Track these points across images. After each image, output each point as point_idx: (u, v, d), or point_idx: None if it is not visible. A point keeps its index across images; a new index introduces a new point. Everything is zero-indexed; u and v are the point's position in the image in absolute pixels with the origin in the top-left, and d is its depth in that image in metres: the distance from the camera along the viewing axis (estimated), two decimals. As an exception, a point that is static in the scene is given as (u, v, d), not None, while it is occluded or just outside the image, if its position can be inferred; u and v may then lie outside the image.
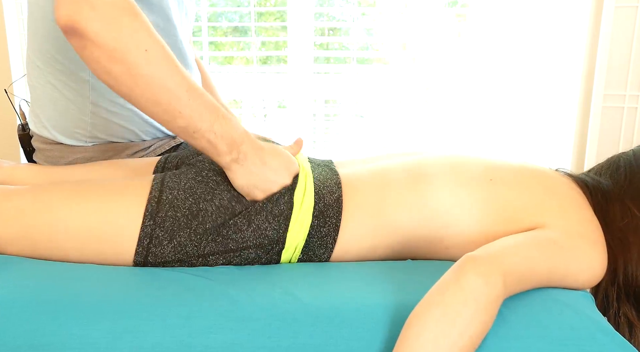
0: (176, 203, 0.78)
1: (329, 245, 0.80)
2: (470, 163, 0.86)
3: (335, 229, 0.80)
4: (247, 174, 0.79)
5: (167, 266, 0.78)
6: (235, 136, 0.78)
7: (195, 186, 0.80)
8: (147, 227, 0.77)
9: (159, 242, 0.77)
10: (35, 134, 1.05)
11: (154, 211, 0.77)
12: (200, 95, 0.76)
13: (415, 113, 1.91)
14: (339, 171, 0.88)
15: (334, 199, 0.81)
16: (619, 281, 0.79)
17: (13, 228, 0.79)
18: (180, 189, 0.79)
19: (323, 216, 0.80)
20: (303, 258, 0.82)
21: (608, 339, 0.66)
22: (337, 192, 0.82)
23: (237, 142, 0.78)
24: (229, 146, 0.77)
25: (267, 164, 0.80)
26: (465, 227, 0.81)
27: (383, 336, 0.66)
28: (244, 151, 0.78)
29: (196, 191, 0.79)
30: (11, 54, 1.78)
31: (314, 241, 0.80)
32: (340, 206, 0.81)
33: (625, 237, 0.80)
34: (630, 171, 0.85)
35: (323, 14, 1.94)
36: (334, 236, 0.80)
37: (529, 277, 0.70)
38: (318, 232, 0.80)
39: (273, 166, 0.80)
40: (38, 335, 0.65)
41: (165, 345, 0.65)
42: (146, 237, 0.77)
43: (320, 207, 0.80)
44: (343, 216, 0.81)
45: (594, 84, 1.65)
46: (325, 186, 0.83)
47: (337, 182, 0.84)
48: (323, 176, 0.85)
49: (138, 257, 0.78)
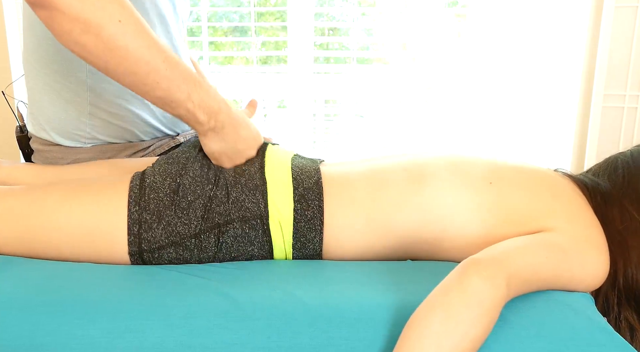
0: (155, 186, 0.81)
1: (317, 227, 0.81)
2: (471, 163, 0.86)
3: (320, 210, 0.81)
4: (220, 141, 0.83)
5: (162, 251, 0.79)
6: (213, 105, 0.81)
7: (168, 167, 0.83)
8: (134, 213, 0.79)
9: (149, 227, 0.78)
10: (34, 135, 1.05)
11: (137, 197, 0.80)
12: (177, 64, 0.77)
13: (415, 113, 1.91)
14: (321, 163, 0.90)
15: (312, 182, 0.83)
16: (619, 285, 0.79)
17: (8, 228, 0.80)
18: (156, 174, 0.82)
19: (305, 199, 0.81)
20: (296, 244, 0.81)
21: (608, 340, 0.66)
22: (316, 176, 0.84)
23: (215, 111, 0.81)
24: (207, 115, 0.80)
25: (239, 134, 0.84)
26: (465, 229, 0.80)
27: (383, 336, 0.65)
28: (221, 120, 0.82)
29: (170, 171, 0.82)
30: (11, 54, 1.78)
31: (301, 225, 0.81)
32: (320, 188, 0.82)
33: (624, 240, 0.79)
34: (628, 173, 0.84)
35: (323, 14, 1.94)
36: (319, 217, 0.81)
37: (532, 280, 0.70)
38: (303, 215, 0.81)
39: (243, 136, 0.85)
40: (38, 335, 0.65)
41: (165, 345, 0.65)
42: (135, 223, 0.78)
43: (300, 192, 0.81)
44: (326, 199, 0.81)
45: (594, 84, 1.65)
46: (303, 171, 0.84)
47: (316, 169, 0.85)
48: (302, 164, 0.87)
49: (132, 246, 0.78)
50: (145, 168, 0.85)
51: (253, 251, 0.81)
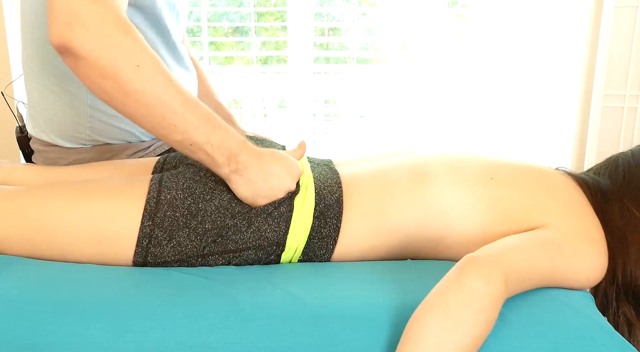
0: (175, 203, 0.78)
1: (329, 246, 0.80)
2: (471, 162, 0.86)
3: (336, 229, 0.80)
4: (248, 184, 0.78)
5: (166, 266, 0.78)
6: (232, 147, 0.77)
7: (193, 185, 0.79)
8: (146, 227, 0.77)
9: (158, 243, 0.77)
10: (34, 137, 1.05)
11: (152, 211, 0.77)
12: (196, 107, 0.75)
13: (415, 113, 1.91)
14: (339, 170, 0.88)
15: (334, 199, 0.81)
16: (618, 281, 0.79)
17: (12, 229, 0.79)
18: (178, 189, 0.79)
19: (324, 217, 0.80)
20: (303, 259, 0.82)
21: (608, 339, 0.66)
22: (338, 192, 0.82)
23: (234, 153, 0.77)
24: (227, 158, 0.77)
25: (268, 171, 0.78)
26: (466, 227, 0.81)
27: (384, 336, 0.65)
28: (242, 161, 0.77)
29: (195, 190, 0.79)
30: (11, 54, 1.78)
31: (314, 242, 0.80)
32: (341, 206, 0.81)
33: (624, 237, 0.80)
34: (628, 171, 0.85)
35: (323, 14, 1.94)
36: (334, 236, 0.80)
37: (530, 277, 0.70)
38: (319, 233, 0.80)
39: (274, 173, 0.79)
40: (38, 335, 0.65)
41: (165, 345, 0.65)
42: (145, 237, 0.77)
43: (320, 208, 0.80)
44: (344, 216, 0.81)
45: (594, 84, 1.65)
46: (326, 186, 0.83)
47: (338, 181, 0.84)
48: (323, 175, 0.85)
49: (137, 257, 0.78)
50: (164, 174, 0.82)
51: (259, 264, 0.81)
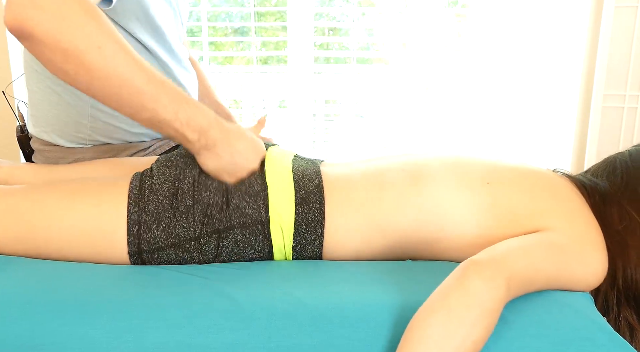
0: (155, 188, 0.80)
1: (317, 230, 0.81)
2: (469, 164, 0.86)
3: (321, 213, 0.81)
4: (215, 159, 0.80)
5: (162, 252, 0.79)
6: (202, 123, 0.78)
7: (167, 170, 0.82)
8: (133, 214, 0.78)
9: (148, 227, 0.78)
10: (34, 136, 1.05)
11: (136, 198, 0.79)
12: (162, 84, 0.76)
13: (415, 113, 1.91)
14: (322, 165, 0.89)
15: (314, 185, 0.82)
16: (619, 285, 0.79)
17: (7, 228, 0.80)
18: (154, 176, 0.82)
19: (306, 202, 0.81)
20: (296, 247, 0.82)
21: (608, 340, 0.66)
22: (317, 179, 0.83)
23: (204, 128, 0.78)
24: (198, 133, 0.78)
25: (234, 147, 0.81)
26: (464, 229, 0.80)
27: (383, 336, 0.65)
28: (212, 137, 0.79)
29: (169, 174, 0.82)
30: (11, 55, 1.78)
31: (302, 228, 0.81)
32: (322, 191, 0.82)
33: (623, 240, 0.79)
34: (626, 173, 0.84)
35: (323, 14, 1.94)
36: (320, 220, 0.81)
37: (532, 280, 0.70)
38: (304, 218, 0.80)
39: (240, 150, 0.81)
40: (38, 335, 0.65)
41: (165, 345, 0.65)
42: (134, 224, 0.78)
43: (301, 195, 0.81)
44: (327, 202, 0.81)
45: (593, 84, 1.65)
46: (305, 175, 0.84)
47: (317, 171, 0.85)
48: (303, 166, 0.86)
49: (131, 247, 0.78)
50: (144, 169, 0.85)
51: (253, 253, 0.81)
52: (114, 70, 0.72)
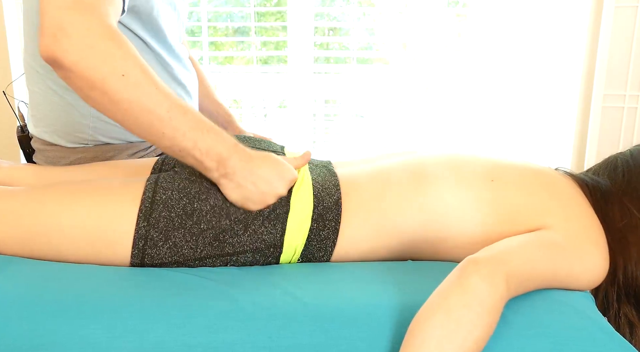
0: (170, 203, 0.78)
1: (328, 248, 0.80)
2: (472, 163, 0.86)
3: (335, 232, 0.80)
4: (237, 188, 0.78)
5: (164, 267, 0.78)
6: (222, 151, 0.77)
7: (189, 185, 0.79)
8: (142, 228, 0.77)
9: (154, 244, 0.77)
10: (35, 136, 1.05)
11: (147, 212, 0.77)
12: (184, 113, 0.75)
13: (415, 113, 1.91)
14: (338, 172, 0.88)
15: (333, 201, 0.81)
16: (619, 282, 0.79)
17: (9, 229, 0.79)
18: (174, 189, 0.79)
19: (322, 219, 0.80)
20: (302, 261, 0.82)
21: (609, 340, 0.66)
22: (336, 195, 0.82)
23: (224, 157, 0.77)
24: (217, 162, 0.77)
25: (258, 175, 0.78)
26: (467, 228, 0.80)
27: (384, 336, 0.65)
28: (231, 166, 0.77)
29: (190, 190, 0.79)
30: (11, 54, 1.78)
31: (313, 244, 0.80)
32: (340, 208, 0.81)
33: (624, 238, 0.80)
34: (627, 171, 0.85)
35: (323, 14, 1.94)
36: (333, 239, 0.80)
37: (532, 278, 0.70)
38: (317, 235, 0.80)
39: (264, 177, 0.78)
40: (38, 335, 0.65)
41: (165, 345, 0.65)
42: (141, 239, 0.77)
43: (319, 211, 0.80)
44: (342, 218, 0.80)
45: (594, 84, 1.65)
46: (324, 188, 0.82)
47: (336, 183, 0.83)
48: (321, 177, 0.85)
49: (134, 259, 0.77)
50: (160, 175, 0.82)
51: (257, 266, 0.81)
52: (137, 98, 0.73)
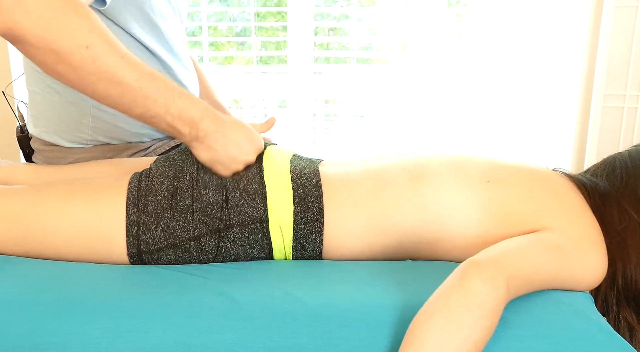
0: (153, 188, 0.80)
1: (317, 229, 0.81)
2: (470, 163, 0.86)
3: (320, 212, 0.81)
4: (208, 150, 0.81)
5: (161, 253, 0.79)
6: (194, 114, 0.79)
7: (165, 170, 0.82)
8: (132, 215, 0.78)
9: (147, 228, 0.78)
10: (34, 136, 1.05)
11: (135, 199, 0.79)
12: (152, 79, 0.76)
13: (415, 113, 1.91)
14: (320, 163, 0.89)
15: (312, 184, 0.82)
16: (618, 285, 0.79)
17: (6, 229, 0.79)
18: (153, 175, 0.82)
19: (304, 202, 0.81)
20: (296, 246, 0.81)
21: (608, 340, 0.66)
22: (315, 178, 0.83)
23: (195, 120, 0.79)
24: (189, 125, 0.79)
25: (228, 138, 0.81)
26: (464, 229, 0.80)
27: (383, 336, 0.65)
28: (203, 129, 0.79)
29: (168, 173, 0.82)
30: (11, 55, 1.78)
31: (301, 227, 0.80)
32: (320, 190, 0.82)
33: (623, 241, 0.79)
34: (626, 173, 0.84)
35: (323, 14, 1.94)
36: (319, 219, 0.81)
37: (532, 280, 0.70)
38: (303, 218, 0.80)
39: (234, 140, 0.81)
40: (38, 335, 0.65)
41: (165, 345, 0.65)
42: (133, 225, 0.78)
43: (299, 194, 0.81)
44: (326, 200, 0.81)
45: (594, 84, 1.65)
46: (303, 173, 0.84)
47: (315, 170, 0.85)
48: (301, 165, 0.86)
49: (131, 248, 0.78)
50: (143, 169, 0.85)
51: (253, 253, 0.81)
52: (103, 69, 0.72)
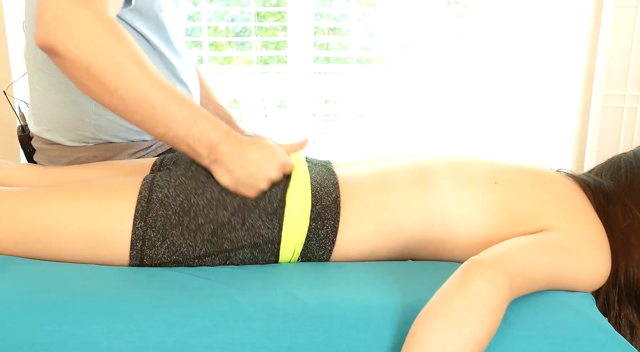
0: (166, 201, 0.78)
1: (327, 247, 0.80)
2: (474, 164, 0.85)
3: (334, 231, 0.80)
4: (227, 172, 0.79)
5: (164, 266, 0.78)
6: (213, 138, 0.78)
7: (185, 182, 0.80)
8: (139, 229, 0.76)
9: (152, 244, 0.77)
10: (36, 135, 1.05)
11: (144, 212, 0.77)
12: (177, 101, 0.76)
13: (415, 113, 1.91)
14: (337, 172, 0.87)
15: (331, 200, 0.81)
16: (620, 283, 0.79)
17: (7, 231, 0.79)
18: (170, 187, 0.79)
19: (321, 218, 0.79)
20: (302, 260, 0.82)
21: (609, 340, 0.66)
22: (335, 193, 0.81)
23: (214, 143, 0.78)
24: (208, 149, 0.78)
25: (246, 159, 0.79)
26: (469, 231, 0.80)
27: (384, 336, 0.65)
28: (220, 152, 0.78)
29: (187, 187, 0.79)
30: (11, 54, 1.78)
31: (312, 243, 0.80)
32: (338, 207, 0.80)
33: (627, 239, 0.79)
34: (631, 172, 0.84)
35: (323, 14, 1.94)
36: (332, 238, 0.80)
37: (534, 280, 0.70)
38: (316, 234, 0.79)
39: (252, 160, 0.79)
40: (38, 335, 0.65)
41: (165, 345, 0.65)
42: (138, 240, 0.77)
43: (317, 210, 0.80)
44: (341, 217, 0.80)
45: (594, 84, 1.65)
46: (323, 187, 0.82)
47: (335, 182, 0.83)
48: (320, 176, 0.84)
49: (134, 260, 0.77)
50: (156, 174, 0.82)
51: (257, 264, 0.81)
52: (130, 87, 0.73)
